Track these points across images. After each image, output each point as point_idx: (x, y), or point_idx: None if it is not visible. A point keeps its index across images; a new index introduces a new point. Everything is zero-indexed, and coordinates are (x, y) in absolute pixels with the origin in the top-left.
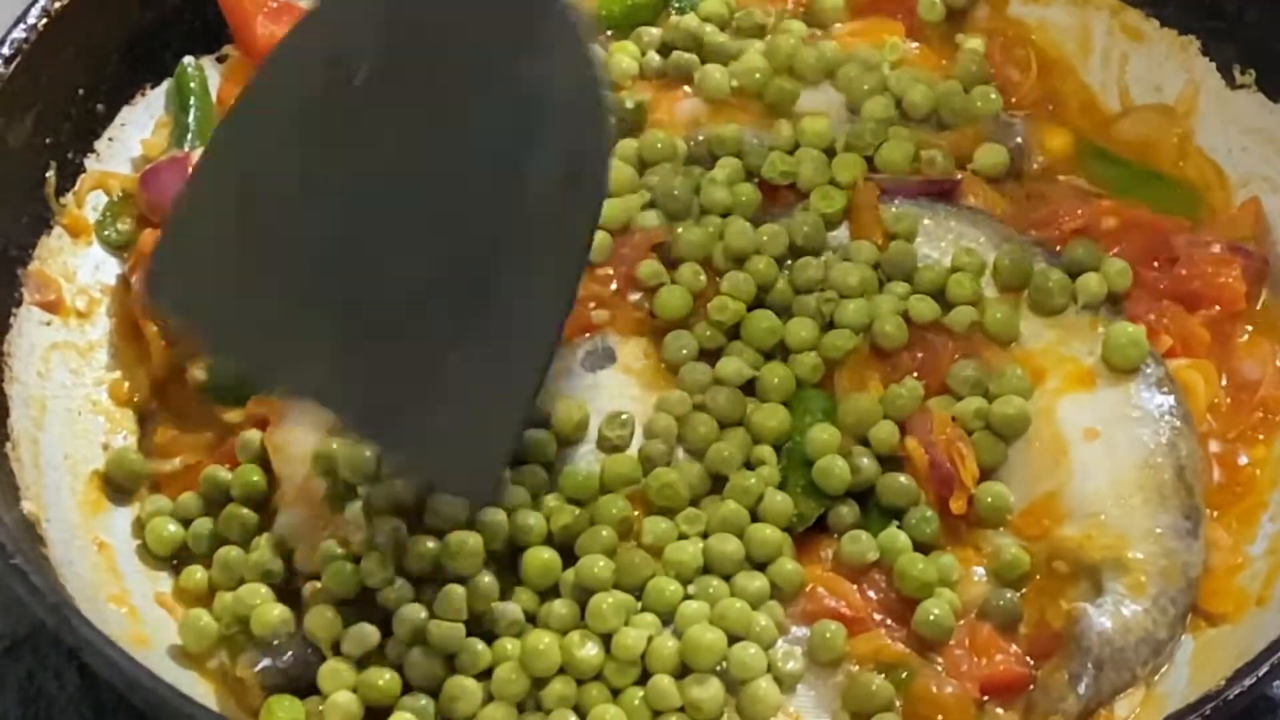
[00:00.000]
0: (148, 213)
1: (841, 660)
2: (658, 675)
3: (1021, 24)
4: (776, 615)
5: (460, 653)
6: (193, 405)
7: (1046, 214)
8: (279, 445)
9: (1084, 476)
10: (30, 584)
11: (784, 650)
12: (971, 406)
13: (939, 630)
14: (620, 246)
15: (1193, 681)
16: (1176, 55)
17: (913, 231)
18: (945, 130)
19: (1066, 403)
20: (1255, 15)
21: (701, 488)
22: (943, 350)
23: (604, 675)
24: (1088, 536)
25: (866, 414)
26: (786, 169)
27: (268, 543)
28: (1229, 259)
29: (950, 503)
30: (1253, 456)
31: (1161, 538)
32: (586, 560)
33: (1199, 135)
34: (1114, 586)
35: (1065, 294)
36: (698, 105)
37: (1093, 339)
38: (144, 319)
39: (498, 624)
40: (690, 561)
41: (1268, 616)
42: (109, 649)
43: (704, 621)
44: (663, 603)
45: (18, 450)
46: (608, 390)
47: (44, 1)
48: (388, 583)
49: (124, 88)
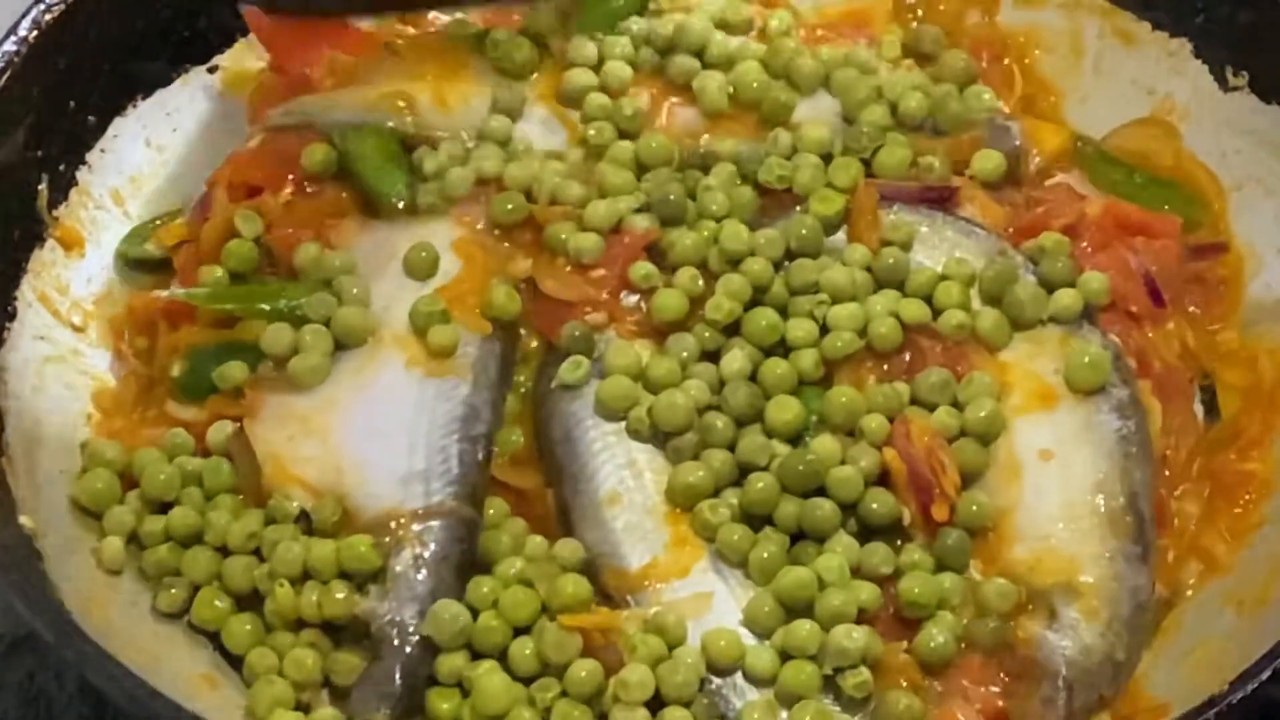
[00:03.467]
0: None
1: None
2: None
3: (1010, 36)
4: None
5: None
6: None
7: (1040, 214)
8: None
9: (1036, 498)
10: (30, 599)
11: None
12: (946, 414)
13: (940, 657)
14: (611, 247)
15: (1192, 685)
16: (1168, 58)
17: (909, 240)
18: (942, 136)
19: (1025, 422)
20: (1247, 17)
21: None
22: (931, 355)
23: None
24: (1038, 560)
25: (854, 408)
26: (784, 173)
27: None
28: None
29: (931, 510)
30: (1252, 462)
31: (1111, 562)
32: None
33: (1192, 139)
34: (1068, 612)
35: (1039, 307)
36: (694, 116)
37: (1059, 357)
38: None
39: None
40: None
41: (1267, 620)
42: (108, 663)
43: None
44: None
45: (14, 465)
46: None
47: (35, 14)
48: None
49: (115, 100)
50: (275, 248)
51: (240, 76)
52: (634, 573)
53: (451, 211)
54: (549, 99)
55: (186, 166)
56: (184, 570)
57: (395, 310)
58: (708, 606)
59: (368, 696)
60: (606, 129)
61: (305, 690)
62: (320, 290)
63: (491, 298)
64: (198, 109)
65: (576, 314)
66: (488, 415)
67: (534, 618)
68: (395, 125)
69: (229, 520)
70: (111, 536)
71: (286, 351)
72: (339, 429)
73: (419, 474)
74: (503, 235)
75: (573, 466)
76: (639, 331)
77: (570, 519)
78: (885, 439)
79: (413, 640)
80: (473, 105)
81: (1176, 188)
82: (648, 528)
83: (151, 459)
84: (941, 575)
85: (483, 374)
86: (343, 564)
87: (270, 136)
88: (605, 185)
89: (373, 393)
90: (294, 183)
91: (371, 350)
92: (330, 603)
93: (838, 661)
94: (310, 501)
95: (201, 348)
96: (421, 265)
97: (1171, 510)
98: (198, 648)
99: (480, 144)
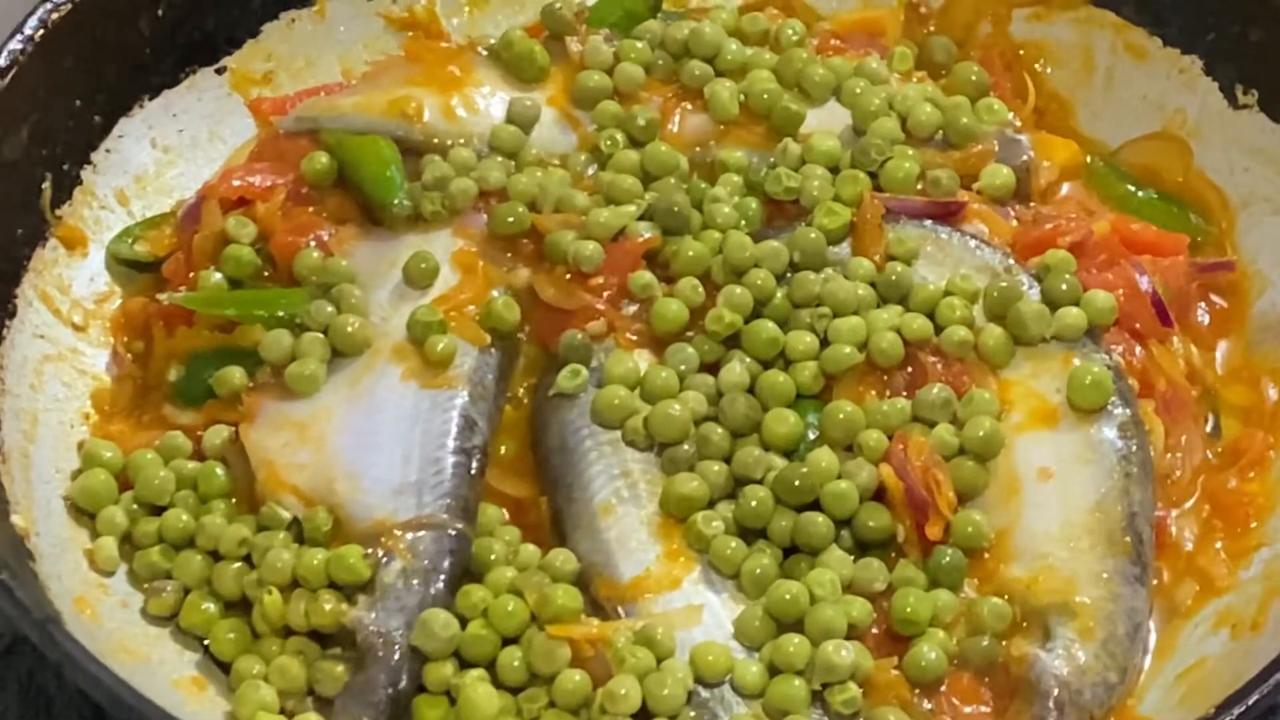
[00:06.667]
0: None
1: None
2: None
3: (1022, 47)
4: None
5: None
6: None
7: (1047, 231)
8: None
9: (1035, 517)
10: (15, 599)
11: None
12: (945, 431)
13: (931, 674)
14: (612, 256)
15: (1183, 706)
16: (1179, 75)
17: (914, 255)
18: (952, 149)
19: (1026, 440)
20: (1259, 35)
21: (725, 490)
22: (932, 371)
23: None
24: (1035, 579)
25: (852, 423)
26: (791, 184)
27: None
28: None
29: (925, 529)
30: (1251, 484)
31: (1108, 582)
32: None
33: (1201, 156)
34: (1062, 632)
35: (1042, 325)
36: (706, 123)
37: (1062, 376)
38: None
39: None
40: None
41: (1261, 642)
42: (91, 665)
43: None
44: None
45: (8, 464)
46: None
47: (41, 13)
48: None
49: (121, 100)
50: (275, 254)
51: (247, 78)
52: (625, 584)
53: (453, 221)
54: (560, 101)
55: (192, 168)
56: (175, 574)
57: (394, 319)
58: (698, 619)
59: (352, 706)
60: (618, 137)
61: (290, 698)
62: (319, 297)
63: (490, 307)
64: (204, 110)
65: (576, 323)
66: (483, 427)
67: (523, 628)
68: (403, 134)
69: (222, 525)
70: (105, 537)
71: (284, 358)
72: (333, 437)
73: (411, 485)
74: (504, 245)
75: (567, 475)
76: (639, 341)
77: (563, 528)
78: (883, 455)
79: (398, 651)
80: (484, 113)
81: (1184, 204)
82: (641, 538)
83: (147, 461)
84: (935, 592)
85: (479, 385)
86: (332, 574)
87: (269, 144)
88: (609, 193)
89: (368, 402)
90: (290, 191)
91: (369, 359)
92: (318, 612)
93: (826, 677)
94: (302, 510)
95: (199, 353)
96: (421, 275)
97: (1170, 530)
98: (187, 650)
99: (488, 153)
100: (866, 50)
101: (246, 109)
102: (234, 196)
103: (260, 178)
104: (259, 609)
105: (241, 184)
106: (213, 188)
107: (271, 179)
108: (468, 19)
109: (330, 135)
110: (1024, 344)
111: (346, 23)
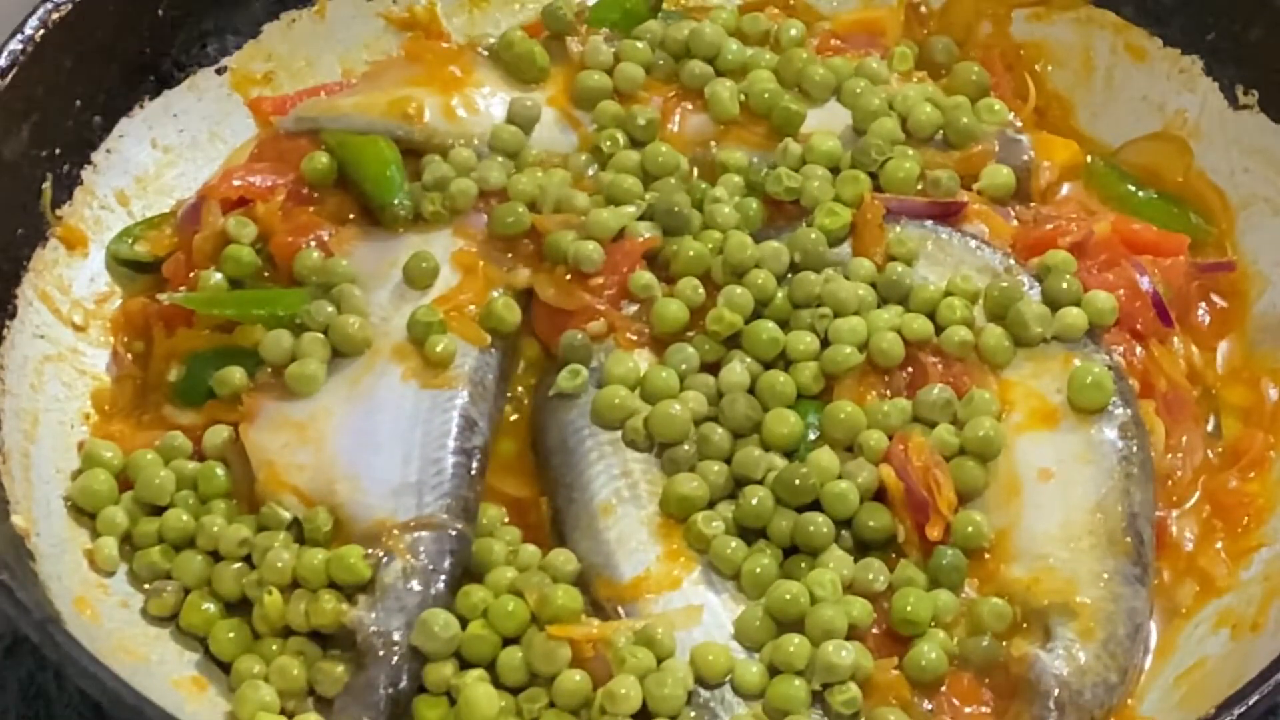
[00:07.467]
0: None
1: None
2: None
3: (1023, 47)
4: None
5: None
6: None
7: (1048, 231)
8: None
9: (1035, 517)
10: (15, 599)
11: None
12: (946, 432)
13: (931, 674)
14: (612, 256)
15: (1184, 706)
16: (1179, 74)
17: (914, 255)
18: (952, 149)
19: (1026, 440)
20: (1259, 35)
21: (725, 490)
22: (933, 371)
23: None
24: (1035, 579)
25: (852, 423)
26: (791, 184)
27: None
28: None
29: (925, 530)
30: (1251, 485)
31: (1109, 583)
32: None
33: (1201, 156)
34: (1063, 632)
35: (1042, 325)
36: (706, 123)
37: (1062, 376)
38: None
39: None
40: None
41: (1260, 643)
42: (91, 665)
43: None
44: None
45: (8, 463)
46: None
47: (41, 12)
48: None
49: (122, 100)
50: (275, 254)
51: (248, 78)
52: (626, 584)
53: (453, 221)
54: (561, 102)
55: (192, 168)
56: (175, 574)
57: (394, 320)
58: (698, 619)
59: (352, 706)
60: (619, 138)
61: (290, 698)
62: (319, 298)
63: (490, 308)
64: (204, 110)
65: (576, 323)
66: (484, 427)
67: (523, 628)
68: (403, 134)
69: (222, 525)
70: (105, 537)
71: (284, 358)
72: (334, 437)
73: (412, 485)
74: (504, 245)
75: (568, 475)
76: (639, 341)
77: (564, 528)
78: (884, 455)
79: (398, 652)
80: (484, 113)
81: (1184, 205)
82: (641, 539)
83: (147, 462)
84: (935, 593)
85: (479, 385)
86: (332, 575)
87: (269, 145)
88: (610, 193)
89: (369, 402)
90: (290, 190)
91: (369, 359)
92: (318, 612)
93: (826, 677)
94: (302, 510)
95: (199, 353)
96: (421, 275)
97: (1171, 530)
98: (187, 650)
99: (488, 153)
100: (867, 50)
101: (247, 109)
102: (234, 196)
103: (260, 178)
104: (259, 609)
105: (241, 184)
106: (213, 188)
107: (271, 179)
108: (468, 19)
109: (330, 135)
110: (1024, 344)
111: (347, 23)
